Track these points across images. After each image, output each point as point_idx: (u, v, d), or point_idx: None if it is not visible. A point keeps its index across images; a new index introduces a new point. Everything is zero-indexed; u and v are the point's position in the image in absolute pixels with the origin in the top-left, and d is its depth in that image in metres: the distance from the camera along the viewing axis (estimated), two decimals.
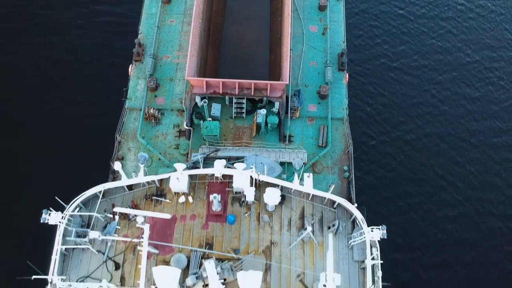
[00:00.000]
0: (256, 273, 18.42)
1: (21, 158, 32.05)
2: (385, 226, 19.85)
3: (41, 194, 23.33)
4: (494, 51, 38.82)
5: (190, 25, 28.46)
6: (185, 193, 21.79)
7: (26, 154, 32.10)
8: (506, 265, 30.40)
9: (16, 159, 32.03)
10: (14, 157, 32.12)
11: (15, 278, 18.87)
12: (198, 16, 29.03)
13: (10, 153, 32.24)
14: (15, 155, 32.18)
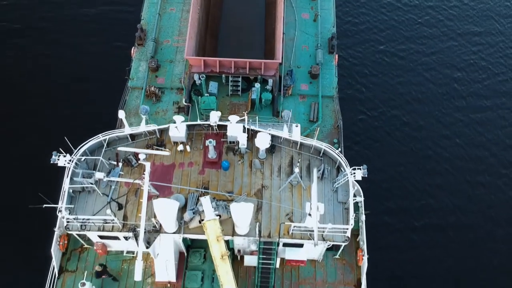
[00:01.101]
0: (248, 204, 20.20)
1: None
2: (366, 166, 21.71)
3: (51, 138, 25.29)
4: (476, 35, 41.05)
5: (189, 12, 30.50)
6: (183, 142, 23.66)
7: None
8: (488, 227, 32.18)
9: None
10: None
11: (28, 206, 20.63)
12: (197, 2, 31.14)
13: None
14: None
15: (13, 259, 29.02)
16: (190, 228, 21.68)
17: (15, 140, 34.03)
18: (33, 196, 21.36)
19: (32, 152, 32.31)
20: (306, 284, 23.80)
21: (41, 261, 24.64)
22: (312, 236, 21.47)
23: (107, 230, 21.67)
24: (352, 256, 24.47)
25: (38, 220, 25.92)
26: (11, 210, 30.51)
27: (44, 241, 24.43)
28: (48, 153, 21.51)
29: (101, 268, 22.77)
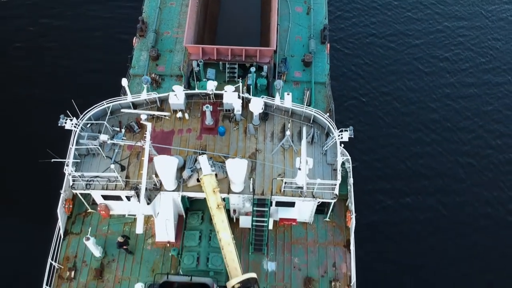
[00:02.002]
0: (242, 160, 21.74)
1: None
2: (352, 127, 23.27)
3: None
4: (463, 21, 43.05)
5: (188, 6, 32.21)
6: (182, 110, 25.24)
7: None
8: (471, 188, 34.13)
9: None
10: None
11: (38, 161, 22.10)
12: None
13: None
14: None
15: (22, 222, 30.68)
16: (188, 186, 23.16)
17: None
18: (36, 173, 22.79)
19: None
20: (298, 244, 25.13)
21: (47, 224, 25.95)
22: (302, 193, 23.00)
23: (110, 189, 23.10)
24: (342, 219, 25.88)
25: (45, 186, 27.43)
26: (16, 179, 32.21)
27: (50, 206, 25.73)
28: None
29: (123, 239, 23.69)
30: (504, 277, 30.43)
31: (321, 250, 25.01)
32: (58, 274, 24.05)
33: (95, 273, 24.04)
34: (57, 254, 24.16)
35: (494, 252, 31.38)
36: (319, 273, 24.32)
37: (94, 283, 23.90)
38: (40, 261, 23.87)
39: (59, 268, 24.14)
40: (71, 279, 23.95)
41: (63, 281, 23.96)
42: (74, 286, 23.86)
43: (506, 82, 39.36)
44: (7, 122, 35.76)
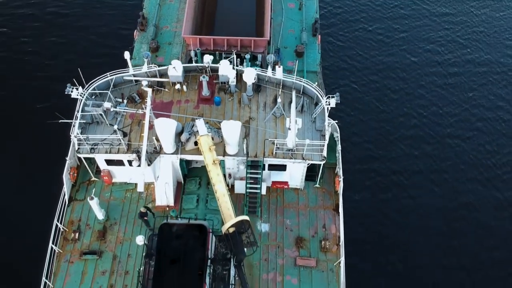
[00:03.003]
0: (236, 122, 23.42)
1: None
2: (338, 94, 25.04)
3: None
4: (450, 16, 45.46)
5: (186, 2, 34.07)
6: (180, 82, 27.01)
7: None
8: (455, 166, 35.94)
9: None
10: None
11: (46, 122, 23.75)
12: None
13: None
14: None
15: (29, 184, 32.72)
16: (186, 149, 24.80)
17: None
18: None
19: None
20: (290, 208, 26.63)
21: (53, 190, 27.46)
22: (293, 155, 24.66)
23: (113, 153, 24.71)
24: (331, 185, 27.43)
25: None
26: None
27: (57, 172, 27.27)
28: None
29: (145, 210, 24.54)
30: (485, 247, 31.93)
31: (311, 213, 26.51)
32: (63, 236, 25.45)
33: (98, 235, 25.47)
34: (62, 218, 25.60)
35: (475, 222, 33.03)
36: (309, 233, 25.78)
37: (97, 243, 25.30)
38: (47, 223, 25.24)
39: (64, 230, 25.56)
40: (75, 240, 25.35)
41: (68, 242, 25.36)
42: (78, 246, 25.25)
43: (488, 71, 41.43)
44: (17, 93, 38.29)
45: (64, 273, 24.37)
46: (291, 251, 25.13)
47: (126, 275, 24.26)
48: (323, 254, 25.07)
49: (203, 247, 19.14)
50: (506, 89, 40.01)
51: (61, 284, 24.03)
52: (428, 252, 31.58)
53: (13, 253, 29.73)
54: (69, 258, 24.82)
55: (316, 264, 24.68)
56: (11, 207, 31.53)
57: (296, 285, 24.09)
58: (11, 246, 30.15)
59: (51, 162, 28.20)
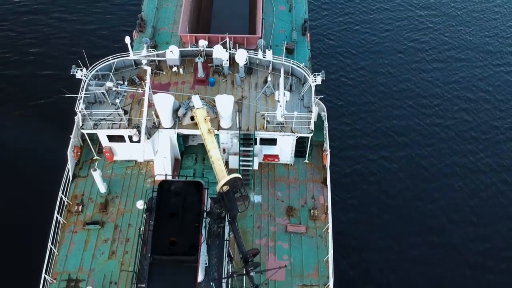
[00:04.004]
0: (229, 96, 25.33)
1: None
2: (324, 71, 27.07)
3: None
4: (432, 17, 48.11)
5: (182, 6, 36.48)
6: (177, 65, 28.99)
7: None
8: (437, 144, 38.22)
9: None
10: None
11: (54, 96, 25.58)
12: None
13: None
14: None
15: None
16: (183, 124, 26.63)
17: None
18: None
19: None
20: (281, 181, 28.36)
21: (57, 168, 29.15)
22: (283, 129, 26.53)
23: (115, 128, 26.49)
24: (319, 161, 29.23)
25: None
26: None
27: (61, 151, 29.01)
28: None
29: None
30: (466, 221, 33.72)
31: (301, 186, 28.24)
32: (67, 209, 27.01)
33: (100, 207, 27.05)
34: (67, 193, 27.21)
35: (449, 190, 35.40)
36: (299, 203, 27.47)
37: (99, 215, 26.87)
38: (51, 197, 26.84)
39: (68, 204, 27.13)
40: (78, 212, 26.91)
41: (72, 214, 26.91)
42: (81, 218, 26.79)
43: (468, 58, 44.28)
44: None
45: (68, 242, 25.86)
46: (282, 219, 26.77)
47: (127, 242, 25.79)
48: (312, 222, 26.71)
49: (199, 202, 20.71)
50: (484, 81, 42.52)
51: (65, 252, 25.49)
52: (404, 217, 33.92)
53: (20, 226, 31.56)
54: (73, 229, 26.34)
55: (305, 231, 26.30)
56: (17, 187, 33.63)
57: (287, 249, 25.65)
58: (18, 219, 31.99)
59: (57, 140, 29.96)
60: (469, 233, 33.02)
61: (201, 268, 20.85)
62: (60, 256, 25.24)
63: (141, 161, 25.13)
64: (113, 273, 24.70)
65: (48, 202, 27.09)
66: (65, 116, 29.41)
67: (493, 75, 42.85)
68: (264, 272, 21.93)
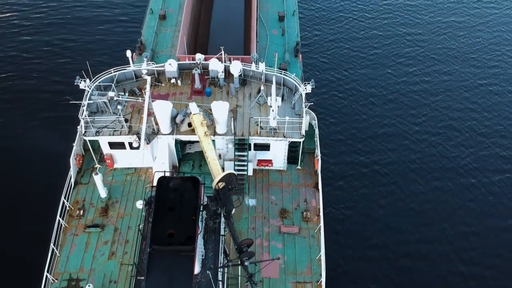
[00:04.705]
0: (224, 102, 26.92)
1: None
2: (313, 80, 28.78)
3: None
4: (417, 35, 50.81)
5: (180, 31, 38.77)
6: (175, 77, 30.72)
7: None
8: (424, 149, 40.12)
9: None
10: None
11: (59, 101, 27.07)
12: (187, 22, 39.89)
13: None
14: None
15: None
16: (181, 131, 28.09)
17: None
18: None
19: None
20: (275, 186, 29.59)
21: (59, 174, 30.37)
22: (275, 134, 28.01)
23: (116, 135, 27.90)
24: (311, 167, 30.55)
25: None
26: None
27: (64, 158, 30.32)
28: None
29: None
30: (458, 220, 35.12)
31: (294, 190, 29.46)
32: (68, 214, 28.06)
33: (101, 211, 28.12)
34: (68, 198, 28.32)
35: (437, 192, 36.97)
36: (292, 206, 28.62)
37: (100, 219, 27.91)
38: (54, 202, 27.95)
39: (70, 208, 28.19)
40: (80, 216, 27.95)
41: (73, 218, 27.94)
42: (82, 221, 27.81)
43: (453, 73, 46.56)
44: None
45: (70, 244, 26.79)
46: (276, 221, 27.86)
47: (126, 243, 26.74)
48: (305, 223, 27.80)
49: (196, 197, 21.86)
50: (468, 93, 44.67)
51: (67, 253, 26.39)
52: (392, 218, 35.40)
53: (23, 229, 32.96)
54: (74, 232, 27.31)
55: (298, 231, 27.36)
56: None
57: (281, 248, 26.64)
58: (21, 222, 33.45)
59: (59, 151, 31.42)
60: (460, 235, 34.23)
61: (198, 260, 21.85)
62: (61, 257, 26.12)
63: (141, 168, 26.33)
64: (113, 273, 25.55)
65: (51, 207, 28.09)
66: (69, 126, 30.86)
67: (477, 87, 45.05)
68: (258, 263, 22.90)
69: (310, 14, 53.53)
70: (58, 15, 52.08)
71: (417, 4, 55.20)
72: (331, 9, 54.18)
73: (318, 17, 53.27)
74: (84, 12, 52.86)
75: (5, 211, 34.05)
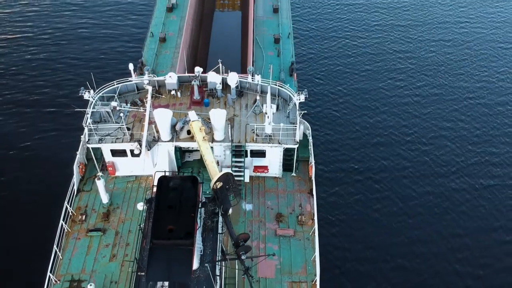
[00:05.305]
0: (222, 110, 28.33)
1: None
2: (307, 90, 30.30)
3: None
4: (407, 53, 52.89)
5: (179, 54, 40.94)
6: (175, 89, 32.23)
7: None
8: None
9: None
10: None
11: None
12: (186, 44, 41.96)
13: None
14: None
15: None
16: (180, 138, 29.38)
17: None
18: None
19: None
20: (271, 192, 30.66)
21: (62, 181, 31.50)
22: (271, 141, 29.31)
23: (118, 143, 29.16)
24: (306, 174, 31.70)
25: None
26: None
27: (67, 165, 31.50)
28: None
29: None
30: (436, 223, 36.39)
31: (289, 195, 30.53)
32: (71, 219, 28.99)
33: (103, 216, 29.06)
34: (71, 204, 29.32)
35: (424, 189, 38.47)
36: (288, 211, 29.62)
37: (101, 223, 28.82)
38: (58, 207, 28.94)
39: (72, 214, 29.15)
40: (82, 221, 28.87)
41: (76, 223, 28.85)
42: (84, 226, 28.72)
43: (442, 93, 48.41)
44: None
45: (72, 247, 27.63)
46: (272, 225, 28.82)
47: (127, 246, 27.59)
48: (299, 227, 28.75)
49: (195, 195, 22.94)
50: (456, 106, 46.55)
51: (69, 256, 27.20)
52: (385, 222, 36.59)
53: (26, 233, 34.14)
54: (76, 236, 28.19)
55: (294, 234, 28.29)
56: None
57: (277, 250, 27.49)
58: (25, 226, 34.61)
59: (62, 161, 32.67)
60: (451, 236, 35.39)
61: (196, 256, 22.78)
62: (63, 260, 26.91)
63: (141, 176, 27.44)
64: (114, 274, 26.31)
65: (55, 212, 29.09)
66: (73, 136, 32.15)
67: (466, 100, 47.06)
68: (254, 259, 23.82)
69: (304, 34, 55.79)
70: (63, 35, 54.69)
71: (407, 24, 57.88)
72: (324, 30, 56.54)
73: (312, 37, 55.59)
74: (88, 32, 55.32)
75: (12, 215, 35.38)
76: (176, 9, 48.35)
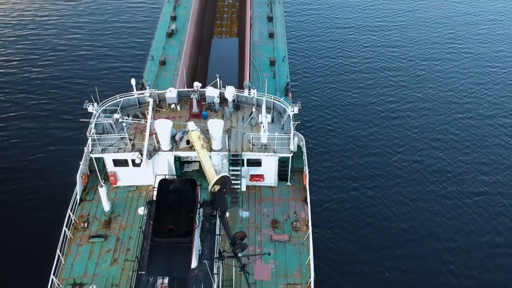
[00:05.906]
0: (219, 120, 29.82)
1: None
2: (300, 103, 31.88)
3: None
4: (398, 72, 54.83)
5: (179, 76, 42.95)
6: (175, 103, 33.79)
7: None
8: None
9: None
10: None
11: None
12: (184, 67, 44.06)
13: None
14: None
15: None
16: (180, 148, 30.74)
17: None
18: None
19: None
20: (266, 200, 31.82)
21: (65, 192, 32.63)
22: (266, 150, 30.70)
23: (120, 152, 30.48)
24: (300, 184, 32.93)
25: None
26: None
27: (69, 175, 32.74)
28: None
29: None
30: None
31: (284, 203, 31.67)
32: (74, 227, 30.01)
33: (104, 223, 30.10)
34: (74, 211, 30.40)
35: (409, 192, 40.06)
36: (283, 217, 30.71)
37: (103, 230, 29.83)
38: (61, 215, 30.02)
39: (75, 222, 30.18)
40: (84, 228, 29.89)
41: (78, 230, 29.86)
42: (87, 233, 29.71)
43: (432, 108, 50.18)
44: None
45: (74, 253, 28.56)
46: (268, 231, 29.86)
47: (127, 251, 28.53)
48: (294, 232, 29.79)
49: (194, 196, 24.09)
50: (447, 125, 48.13)
51: (71, 261, 28.10)
52: (377, 235, 37.55)
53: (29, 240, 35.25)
54: (78, 242, 29.15)
55: (289, 239, 29.31)
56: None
57: (273, 255, 28.46)
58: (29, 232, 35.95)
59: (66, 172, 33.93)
60: (443, 249, 36.27)
61: (195, 255, 23.81)
62: (66, 264, 27.81)
63: (141, 185, 28.64)
64: (115, 277, 27.18)
65: (58, 219, 30.18)
66: (76, 149, 33.53)
67: (455, 119, 48.62)
68: (250, 257, 24.84)
69: (299, 56, 58.00)
70: (68, 56, 57.17)
71: (397, 44, 60.43)
72: (318, 51, 58.87)
73: (307, 57, 57.91)
74: (92, 54, 57.70)
75: (17, 222, 36.79)
76: (176, 35, 50.59)
